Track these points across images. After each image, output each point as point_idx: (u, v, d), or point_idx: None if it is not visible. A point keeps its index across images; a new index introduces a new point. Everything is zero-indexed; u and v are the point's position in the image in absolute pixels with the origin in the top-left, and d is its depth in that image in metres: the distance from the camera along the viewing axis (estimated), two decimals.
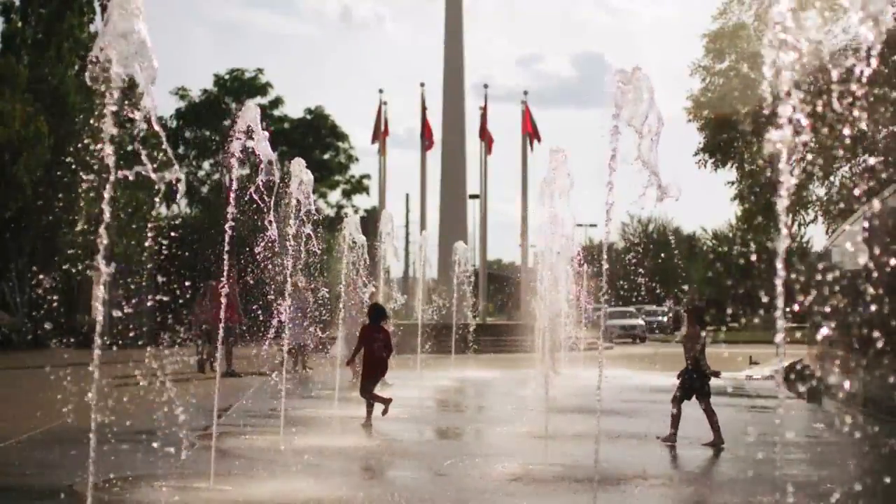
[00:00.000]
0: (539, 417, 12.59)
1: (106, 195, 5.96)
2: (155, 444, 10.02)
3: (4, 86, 30.55)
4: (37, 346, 29.13)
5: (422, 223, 43.02)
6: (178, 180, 6.17)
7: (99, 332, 6.23)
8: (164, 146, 6.04)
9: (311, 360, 22.14)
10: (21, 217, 30.83)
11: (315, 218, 12.88)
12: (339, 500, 7.97)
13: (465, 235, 40.83)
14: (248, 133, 9.03)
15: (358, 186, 53.00)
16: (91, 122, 5.93)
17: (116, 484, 8.02)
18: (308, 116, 51.75)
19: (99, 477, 7.21)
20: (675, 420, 11.32)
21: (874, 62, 3.24)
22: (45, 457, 9.60)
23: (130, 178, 5.98)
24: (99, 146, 5.89)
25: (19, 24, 33.76)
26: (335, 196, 52.80)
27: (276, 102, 50.37)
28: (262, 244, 11.25)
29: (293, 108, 51.84)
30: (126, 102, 5.93)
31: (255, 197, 10.05)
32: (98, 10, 34.42)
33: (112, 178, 5.94)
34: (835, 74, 3.43)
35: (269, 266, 12.65)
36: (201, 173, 49.16)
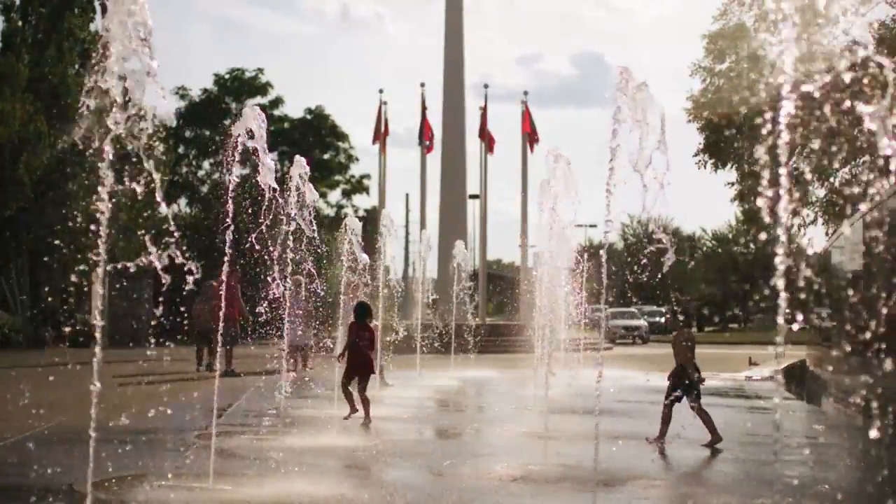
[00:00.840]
0: (538, 417, 12.60)
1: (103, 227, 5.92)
2: (154, 444, 10.03)
3: (4, 85, 30.54)
4: (37, 346, 29.13)
5: (422, 223, 43.02)
6: (190, 271, 6.13)
7: (99, 332, 6.24)
8: (171, 229, 5.99)
9: (311, 360, 22.14)
10: (21, 216, 30.81)
11: (319, 252, 12.97)
12: (339, 500, 7.96)
13: (465, 235, 40.82)
14: (252, 148, 8.98)
15: (358, 186, 52.99)
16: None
17: (116, 483, 8.02)
18: (308, 116, 51.73)
19: (98, 476, 7.20)
20: (665, 422, 11.36)
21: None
22: (44, 456, 9.59)
23: (132, 268, 5.97)
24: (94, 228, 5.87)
25: (20, 23, 33.74)
26: (335, 196, 52.82)
27: (277, 102, 50.36)
28: (267, 289, 11.33)
29: (293, 107, 51.93)
30: (126, 173, 5.90)
31: (258, 246, 10.08)
32: (98, 9, 34.40)
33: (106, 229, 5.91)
34: (831, 74, 3.43)
35: (271, 288, 12.70)
36: (201, 173, 49.15)
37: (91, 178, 5.95)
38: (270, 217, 9.93)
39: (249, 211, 9.85)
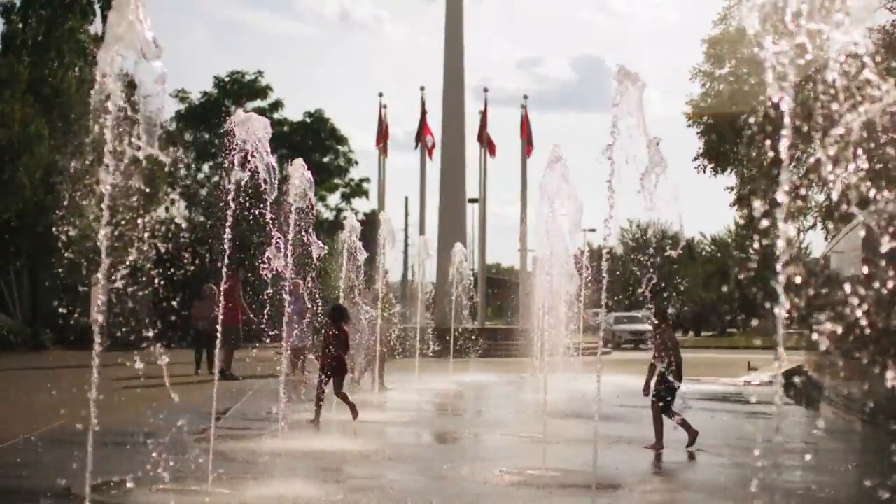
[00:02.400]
0: (536, 421, 12.59)
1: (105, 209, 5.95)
2: (153, 447, 10.01)
3: (4, 87, 30.52)
4: (35, 348, 29.11)
5: (421, 227, 42.97)
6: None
7: (98, 334, 6.23)
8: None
9: (310, 364, 22.12)
10: (20, 218, 30.78)
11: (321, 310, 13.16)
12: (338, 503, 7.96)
13: (465, 239, 40.79)
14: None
15: (357, 190, 52.97)
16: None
17: (114, 486, 8.01)
18: (308, 119, 51.74)
19: (97, 479, 7.19)
20: (659, 426, 11.38)
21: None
22: (42, 459, 9.58)
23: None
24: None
25: (20, 25, 33.73)
26: (334, 199, 52.80)
27: (276, 105, 50.34)
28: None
29: (292, 110, 51.79)
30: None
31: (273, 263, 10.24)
32: (98, 11, 34.40)
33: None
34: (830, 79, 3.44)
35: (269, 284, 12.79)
36: (200, 175, 49.13)
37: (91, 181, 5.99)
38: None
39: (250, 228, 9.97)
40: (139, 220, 5.96)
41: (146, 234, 6.03)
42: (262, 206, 9.56)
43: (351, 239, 17.64)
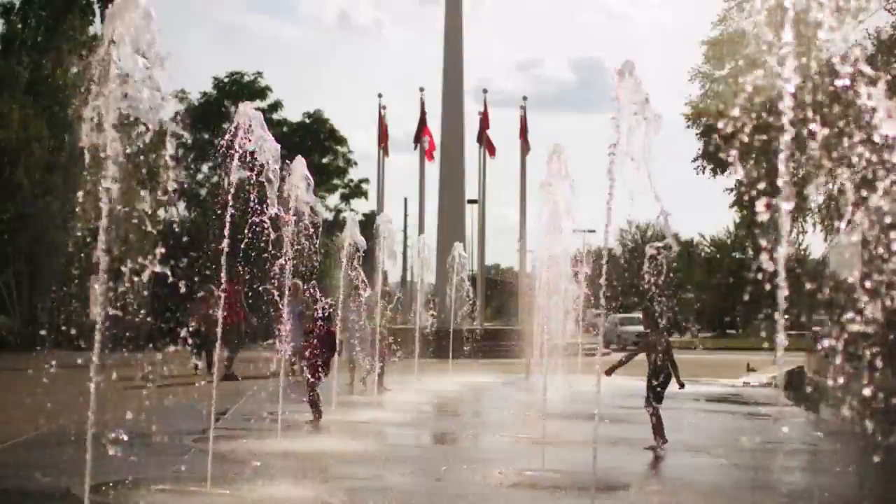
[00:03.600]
0: (535, 423, 12.59)
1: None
2: (152, 448, 10.01)
3: (3, 87, 30.52)
4: (34, 349, 29.07)
5: (420, 227, 42.95)
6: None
7: (97, 335, 6.23)
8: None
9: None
10: (19, 219, 30.76)
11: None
12: None
13: (464, 240, 40.75)
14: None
15: (356, 190, 52.97)
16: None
17: (113, 487, 8.00)
18: (307, 120, 51.73)
19: (96, 480, 7.19)
20: (658, 427, 11.39)
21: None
22: (42, 460, 9.58)
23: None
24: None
25: (19, 25, 33.72)
26: (333, 200, 52.78)
27: (276, 106, 50.32)
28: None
29: (292, 112, 51.67)
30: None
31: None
32: (98, 12, 34.38)
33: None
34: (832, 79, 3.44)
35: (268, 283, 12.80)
36: (200, 176, 49.12)
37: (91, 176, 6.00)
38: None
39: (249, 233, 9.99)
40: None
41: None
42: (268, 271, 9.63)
43: (354, 266, 16.81)
